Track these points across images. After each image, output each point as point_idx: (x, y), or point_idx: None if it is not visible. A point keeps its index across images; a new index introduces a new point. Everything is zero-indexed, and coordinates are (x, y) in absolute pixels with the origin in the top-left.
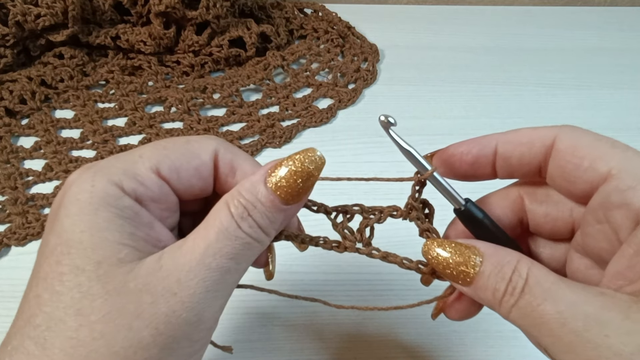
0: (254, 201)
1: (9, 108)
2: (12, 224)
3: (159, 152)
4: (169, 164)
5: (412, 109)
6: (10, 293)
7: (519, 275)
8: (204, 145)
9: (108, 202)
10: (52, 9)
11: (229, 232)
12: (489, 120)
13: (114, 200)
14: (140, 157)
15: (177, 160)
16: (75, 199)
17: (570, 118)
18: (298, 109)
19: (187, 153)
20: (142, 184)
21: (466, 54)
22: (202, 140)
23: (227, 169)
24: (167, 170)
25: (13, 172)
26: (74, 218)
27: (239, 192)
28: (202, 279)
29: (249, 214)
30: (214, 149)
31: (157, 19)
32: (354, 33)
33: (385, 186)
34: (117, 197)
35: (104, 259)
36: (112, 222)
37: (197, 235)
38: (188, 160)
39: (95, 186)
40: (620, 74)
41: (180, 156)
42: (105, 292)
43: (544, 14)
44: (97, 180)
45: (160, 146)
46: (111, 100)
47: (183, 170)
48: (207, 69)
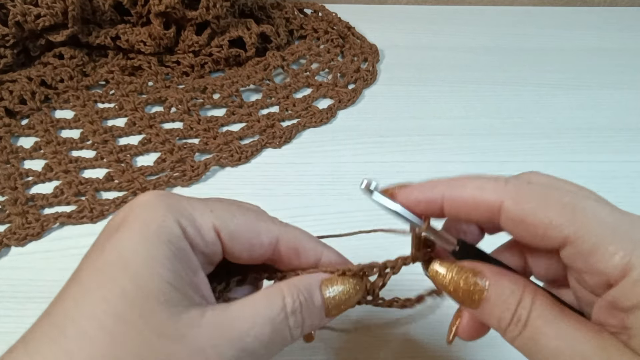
0: (309, 303)
1: (9, 108)
2: (11, 224)
3: (228, 215)
4: (230, 231)
5: (412, 109)
6: (10, 293)
7: (523, 307)
8: (268, 229)
9: (171, 240)
10: (52, 9)
11: (275, 322)
12: (489, 120)
13: (176, 240)
14: (210, 211)
15: (239, 231)
16: (144, 223)
17: (570, 118)
18: (298, 109)
19: (251, 229)
20: (202, 236)
21: (466, 54)
22: (268, 223)
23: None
24: (226, 235)
25: (13, 173)
26: (137, 243)
27: (297, 288)
28: (235, 356)
29: (301, 312)
30: (276, 235)
31: (157, 19)
32: (353, 33)
33: (385, 186)
34: (179, 239)
35: (151, 294)
36: (168, 260)
37: (244, 309)
38: (249, 236)
39: (166, 222)
40: (620, 74)
41: (243, 229)
42: (143, 328)
43: (543, 14)
44: (168, 217)
45: (232, 210)
46: (111, 100)
47: (239, 243)
48: (207, 69)
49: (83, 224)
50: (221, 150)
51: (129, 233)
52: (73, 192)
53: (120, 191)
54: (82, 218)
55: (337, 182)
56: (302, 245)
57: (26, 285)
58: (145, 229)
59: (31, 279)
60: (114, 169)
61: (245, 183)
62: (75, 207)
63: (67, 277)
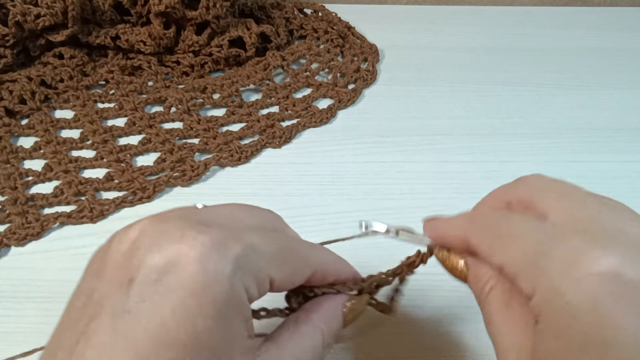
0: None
1: (9, 108)
2: (11, 224)
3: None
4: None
5: (412, 109)
6: (10, 293)
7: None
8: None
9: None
10: (52, 9)
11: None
12: (489, 121)
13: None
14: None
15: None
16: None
17: (570, 118)
18: (298, 109)
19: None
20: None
21: (466, 54)
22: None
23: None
24: (278, 284)
25: (13, 172)
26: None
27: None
28: None
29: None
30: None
31: (157, 19)
32: (353, 33)
33: (385, 187)
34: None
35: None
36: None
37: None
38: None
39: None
40: (620, 74)
41: (292, 271)
42: None
43: (544, 14)
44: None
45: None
46: (111, 100)
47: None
48: (207, 69)
49: (83, 223)
50: (221, 150)
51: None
52: (73, 192)
53: (120, 191)
54: (82, 218)
55: (337, 182)
56: (329, 268)
57: (26, 285)
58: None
59: (31, 279)
60: (114, 169)
61: (245, 183)
62: (75, 207)
63: (67, 277)
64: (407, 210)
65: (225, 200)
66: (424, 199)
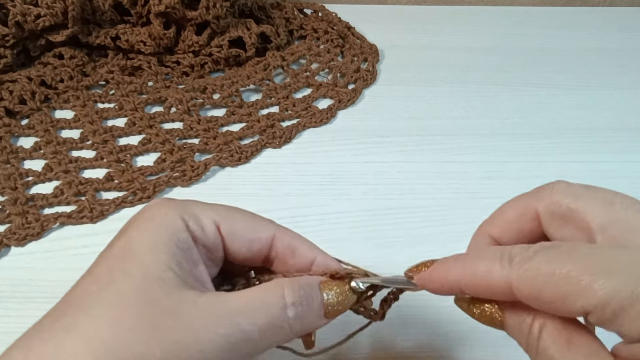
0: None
1: (9, 108)
2: (11, 224)
3: (226, 212)
4: (229, 225)
5: (412, 109)
6: (10, 293)
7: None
8: (264, 225)
9: (172, 230)
10: (52, 9)
11: (272, 310)
12: (489, 121)
13: (177, 231)
14: (210, 209)
15: (237, 226)
16: (148, 219)
17: (570, 118)
18: (298, 109)
19: (249, 225)
20: (203, 230)
21: (466, 54)
22: (264, 221)
23: (286, 251)
24: (226, 229)
25: (13, 173)
26: (142, 233)
27: (298, 283)
28: (226, 334)
29: (301, 305)
30: (272, 232)
31: (157, 19)
32: (353, 33)
33: (385, 187)
34: (181, 230)
35: (152, 276)
36: (169, 247)
37: (241, 294)
38: (247, 231)
39: (168, 215)
40: (620, 74)
41: (241, 224)
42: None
43: (543, 15)
44: (170, 212)
45: (230, 210)
46: (111, 100)
47: (238, 236)
48: (207, 69)
49: (83, 224)
50: (221, 150)
51: (135, 226)
52: (73, 192)
53: (120, 191)
54: (82, 218)
55: (337, 182)
56: (297, 244)
57: (26, 285)
58: (149, 223)
59: (31, 279)
60: (114, 169)
61: (245, 183)
62: (75, 207)
63: (67, 277)
64: (407, 210)
65: (225, 201)
66: (424, 199)
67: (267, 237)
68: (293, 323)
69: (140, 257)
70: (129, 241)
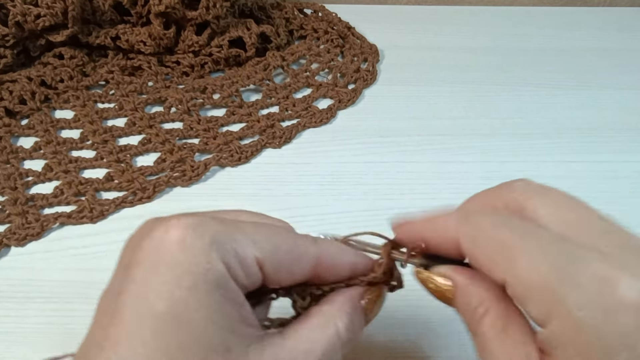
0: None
1: (9, 108)
2: (11, 224)
3: (270, 247)
4: (273, 262)
5: (412, 109)
6: (10, 293)
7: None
8: (307, 252)
9: (219, 283)
10: (52, 9)
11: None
12: (489, 121)
13: (225, 282)
14: (253, 243)
15: (281, 259)
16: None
17: (570, 118)
18: (298, 109)
19: (292, 257)
20: (245, 272)
21: (466, 55)
22: (306, 246)
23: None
24: (269, 267)
25: (13, 173)
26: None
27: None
28: None
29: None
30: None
31: (157, 19)
32: (353, 33)
33: (385, 187)
34: (227, 280)
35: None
36: (220, 305)
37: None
38: (290, 264)
39: (211, 263)
40: (620, 74)
41: (285, 255)
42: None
43: (543, 15)
44: (213, 257)
45: (275, 242)
46: (111, 100)
47: (282, 270)
48: (207, 69)
49: (83, 224)
50: (221, 150)
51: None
52: (73, 192)
53: (120, 191)
54: (82, 218)
55: (337, 182)
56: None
57: (26, 285)
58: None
59: (31, 279)
60: (114, 169)
61: (245, 183)
62: (75, 207)
63: (67, 277)
64: (407, 210)
65: (225, 201)
66: (424, 199)
67: (310, 267)
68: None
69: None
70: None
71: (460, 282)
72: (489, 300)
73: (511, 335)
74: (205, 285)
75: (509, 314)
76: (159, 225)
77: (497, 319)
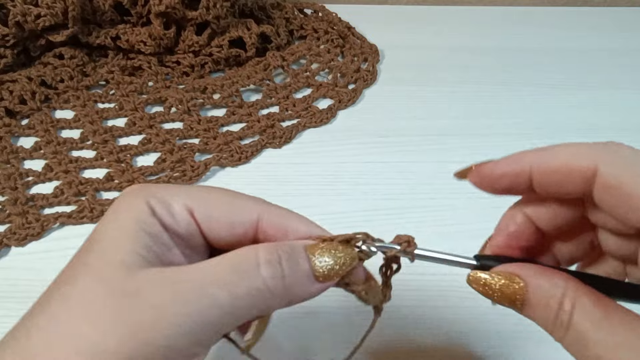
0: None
1: (9, 108)
2: (12, 224)
3: (200, 196)
4: (204, 210)
5: (412, 109)
6: (10, 293)
7: (565, 310)
8: (248, 206)
9: (136, 216)
10: (52, 9)
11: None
12: (489, 121)
13: (143, 216)
14: (182, 192)
15: (214, 209)
16: (113, 209)
17: (570, 118)
18: (298, 110)
19: (228, 207)
20: (173, 215)
21: (466, 54)
22: (247, 201)
23: (277, 233)
24: (201, 214)
25: (13, 173)
26: (106, 224)
27: (275, 245)
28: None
29: (279, 263)
30: (257, 212)
31: (157, 19)
32: (354, 33)
33: (385, 187)
34: (146, 215)
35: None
36: (133, 232)
37: (211, 263)
38: (226, 214)
39: (132, 202)
40: (620, 74)
41: (218, 208)
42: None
43: (544, 15)
44: (136, 199)
45: (205, 192)
46: (111, 100)
47: (215, 221)
48: (207, 69)
49: (83, 224)
50: (221, 150)
51: (102, 219)
52: (73, 192)
53: (121, 191)
54: (82, 218)
55: (337, 182)
56: (288, 223)
57: (26, 285)
58: (114, 214)
59: (31, 279)
60: (114, 169)
61: (245, 183)
62: (76, 207)
63: None
64: (407, 210)
65: None
66: (424, 199)
67: (250, 219)
68: (272, 284)
69: (102, 246)
70: (93, 235)
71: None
72: (573, 289)
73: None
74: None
75: (602, 300)
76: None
77: (593, 305)
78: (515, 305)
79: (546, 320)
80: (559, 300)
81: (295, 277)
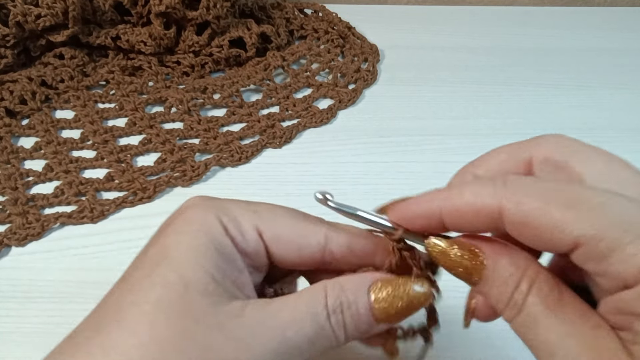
0: (352, 305)
1: (9, 108)
2: (12, 224)
3: (270, 216)
4: (272, 231)
5: (412, 109)
6: (10, 293)
7: (520, 291)
8: (315, 229)
9: (214, 236)
10: (52, 10)
11: (317, 319)
12: (489, 121)
13: (219, 236)
14: (253, 212)
15: (282, 232)
16: (186, 221)
17: (570, 118)
18: (298, 109)
19: (296, 229)
20: (244, 236)
21: (466, 54)
22: (313, 224)
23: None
24: (269, 235)
25: (13, 173)
26: (179, 236)
27: (340, 287)
28: (276, 349)
29: (341, 313)
30: (324, 234)
31: (158, 19)
32: (354, 33)
33: (385, 187)
34: (222, 235)
35: (192, 284)
36: (210, 254)
37: (286, 303)
38: (294, 237)
39: (207, 219)
40: (620, 74)
41: (287, 230)
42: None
43: (543, 14)
44: (210, 215)
45: (275, 211)
46: (111, 100)
47: (284, 244)
48: (207, 70)
49: (83, 224)
50: (221, 150)
51: (172, 229)
52: (73, 192)
53: (121, 191)
54: (83, 218)
55: (337, 182)
56: (355, 243)
57: (26, 285)
58: (187, 226)
59: (31, 279)
60: (114, 169)
61: (246, 183)
62: (76, 207)
63: (68, 277)
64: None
65: None
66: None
67: (318, 243)
68: (337, 332)
69: (179, 263)
70: (165, 245)
71: (491, 253)
72: (533, 269)
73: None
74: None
75: (559, 285)
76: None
77: (550, 289)
78: (470, 280)
79: (499, 298)
80: (517, 279)
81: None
